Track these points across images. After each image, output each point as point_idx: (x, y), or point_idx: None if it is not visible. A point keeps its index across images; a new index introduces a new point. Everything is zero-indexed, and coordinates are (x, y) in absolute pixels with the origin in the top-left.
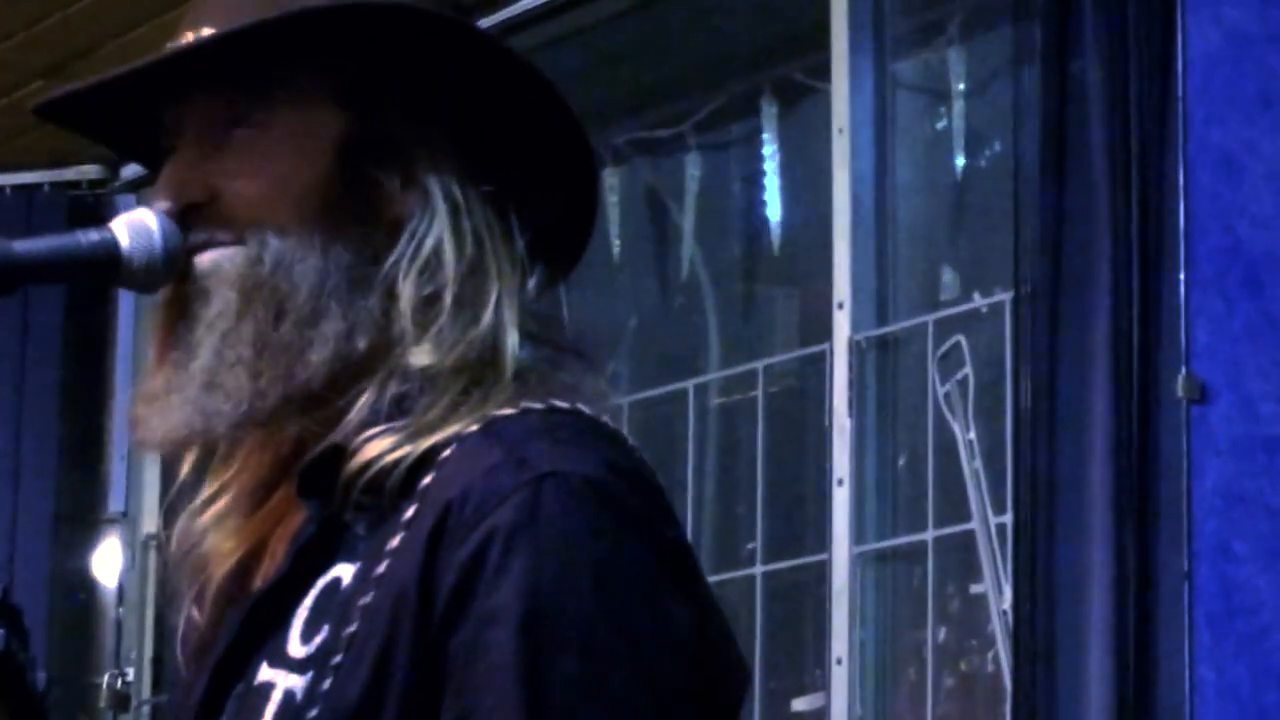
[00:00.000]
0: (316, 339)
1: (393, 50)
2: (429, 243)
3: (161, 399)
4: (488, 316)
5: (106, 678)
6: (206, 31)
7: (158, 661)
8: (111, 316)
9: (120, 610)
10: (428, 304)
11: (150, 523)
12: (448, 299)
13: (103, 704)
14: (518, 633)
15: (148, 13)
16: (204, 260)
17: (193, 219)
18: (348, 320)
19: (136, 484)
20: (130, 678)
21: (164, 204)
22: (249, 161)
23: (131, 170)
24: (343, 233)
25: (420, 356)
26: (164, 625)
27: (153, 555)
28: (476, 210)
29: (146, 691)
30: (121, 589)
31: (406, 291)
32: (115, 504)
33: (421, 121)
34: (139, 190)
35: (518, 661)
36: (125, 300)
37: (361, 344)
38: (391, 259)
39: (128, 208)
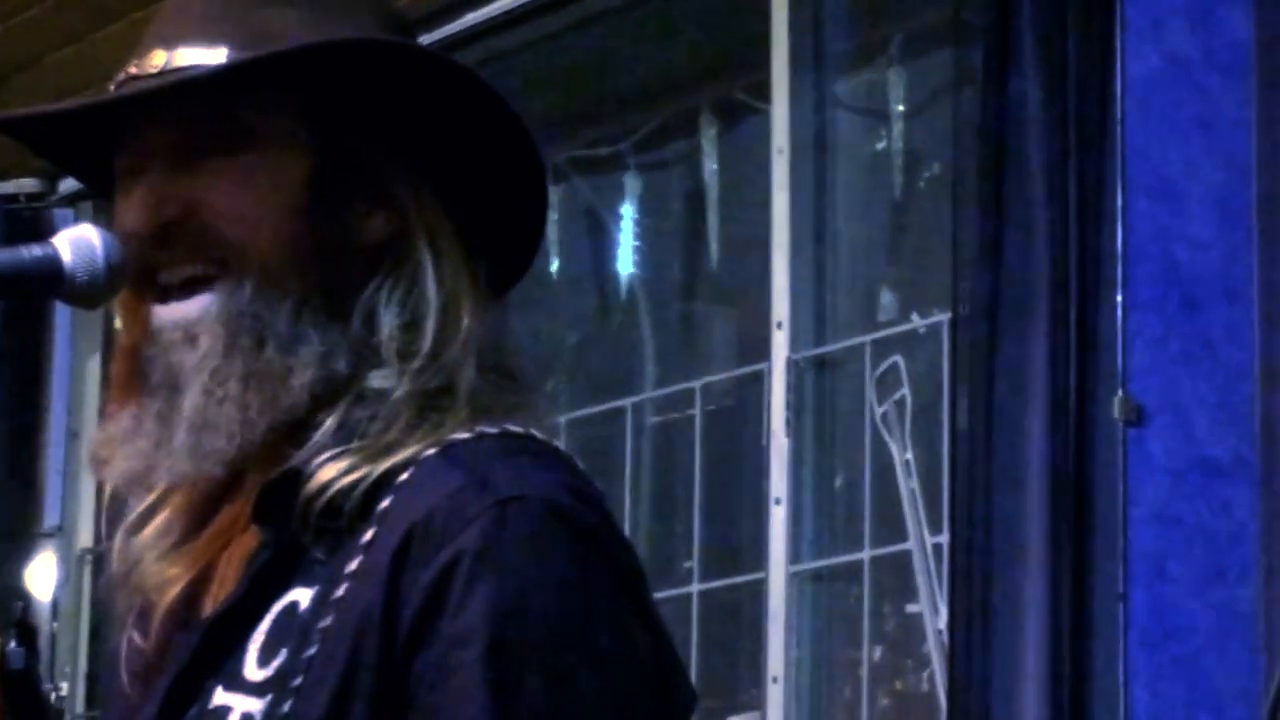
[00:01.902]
0: (297, 364)
1: (365, 80)
2: (408, 272)
3: (140, 443)
4: (456, 347)
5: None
6: (183, 50)
7: (92, 677)
8: (47, 332)
9: (55, 625)
10: (405, 332)
11: (86, 538)
12: (428, 330)
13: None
14: (485, 654)
15: (90, 26)
16: (187, 307)
17: (170, 238)
18: (325, 344)
19: (72, 499)
20: (64, 693)
21: (138, 225)
22: (225, 187)
23: (69, 184)
24: (318, 259)
25: (383, 380)
26: (99, 641)
27: (88, 570)
28: (449, 237)
29: (80, 707)
30: (56, 604)
31: (387, 321)
32: (50, 519)
33: (394, 150)
34: (76, 204)
35: (485, 683)
36: (61, 316)
37: (341, 365)
38: (371, 287)
39: (65, 221)
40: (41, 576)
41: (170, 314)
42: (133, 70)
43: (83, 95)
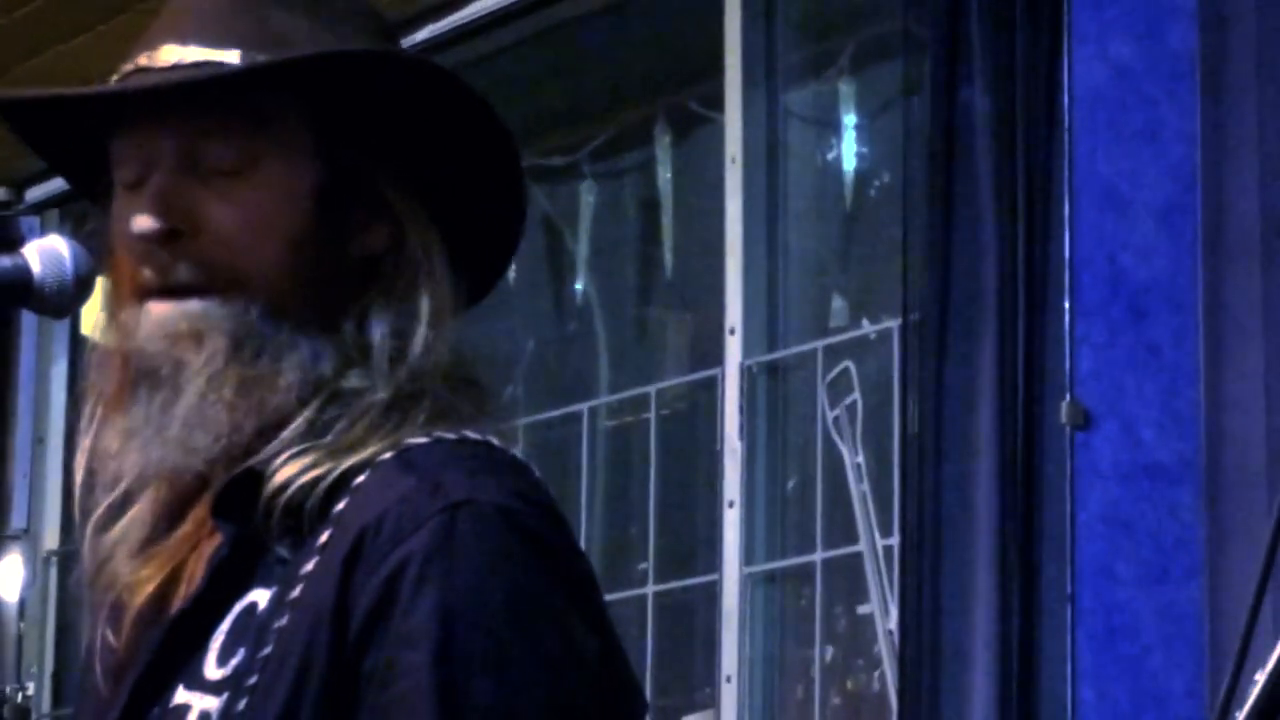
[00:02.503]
0: (286, 369)
1: (366, 91)
2: (403, 281)
3: (141, 436)
4: (439, 352)
5: (7, 691)
6: (195, 48)
7: (58, 676)
8: (14, 340)
9: (21, 625)
10: (396, 337)
11: (51, 539)
12: (420, 334)
13: (5, 716)
14: (433, 656)
15: (52, 38)
16: (193, 306)
17: (175, 246)
18: (314, 350)
19: (38, 501)
20: (31, 691)
21: (149, 222)
22: (235, 201)
23: (36, 193)
24: (318, 271)
25: (357, 380)
26: (65, 640)
27: (54, 571)
28: (437, 249)
29: (47, 705)
30: (23, 604)
31: (378, 326)
32: (17, 521)
33: (388, 161)
34: (42, 212)
35: (433, 684)
36: (29, 322)
37: (326, 368)
38: (367, 294)
39: (32, 230)
40: (8, 578)
41: (176, 310)
42: (142, 62)
43: (93, 85)
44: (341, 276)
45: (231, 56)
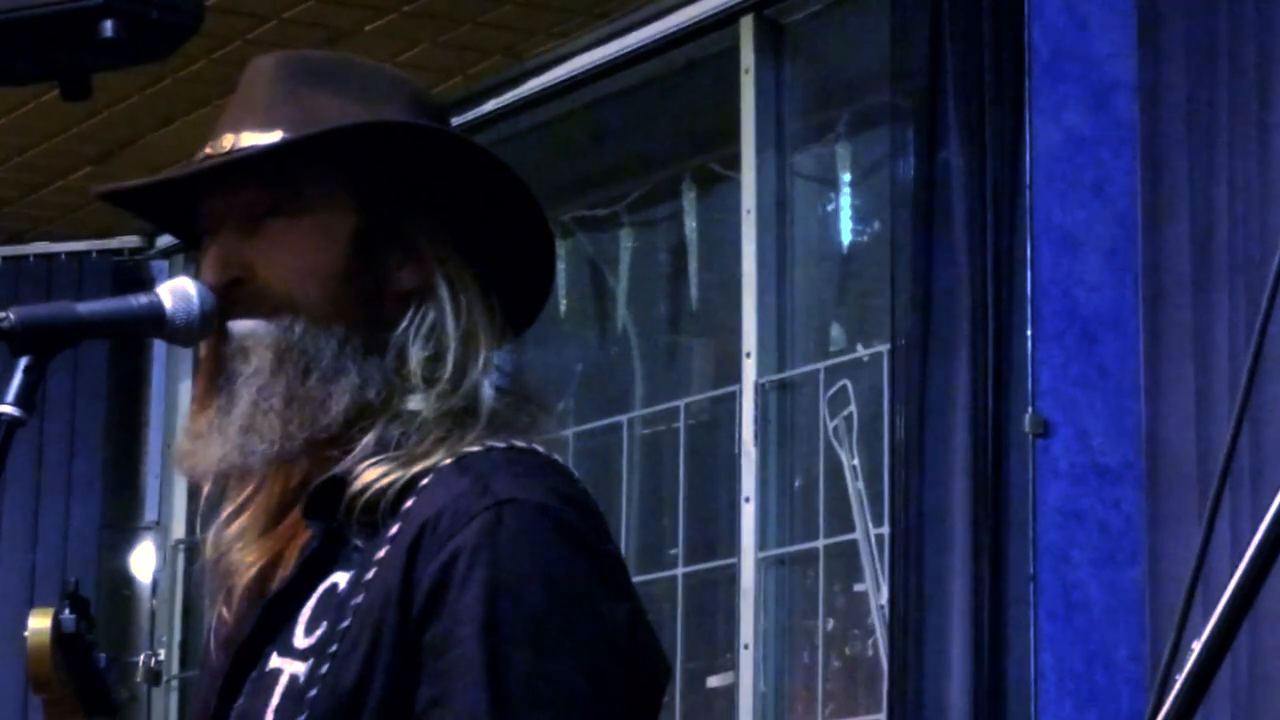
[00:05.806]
0: (336, 391)
1: (401, 156)
2: (432, 314)
3: (205, 437)
4: (475, 374)
5: (142, 657)
6: (246, 134)
7: (183, 645)
8: (147, 361)
9: (154, 602)
10: (431, 362)
11: (179, 530)
12: (449, 360)
13: (139, 678)
14: (481, 630)
15: (179, 112)
16: (243, 324)
17: (234, 291)
18: (361, 376)
19: (168, 498)
20: (162, 657)
21: (211, 280)
22: (282, 248)
23: (165, 240)
24: (359, 306)
25: (416, 403)
26: (190, 615)
27: (181, 557)
28: (468, 285)
29: (175, 668)
30: (155, 584)
31: (415, 354)
32: (150, 514)
33: (422, 212)
34: (171, 257)
35: (481, 653)
36: (159, 348)
37: (372, 394)
38: (402, 327)
39: (161, 272)
40: (143, 562)
41: (234, 327)
42: (208, 150)
43: (170, 169)
44: (379, 309)
45: (274, 137)
